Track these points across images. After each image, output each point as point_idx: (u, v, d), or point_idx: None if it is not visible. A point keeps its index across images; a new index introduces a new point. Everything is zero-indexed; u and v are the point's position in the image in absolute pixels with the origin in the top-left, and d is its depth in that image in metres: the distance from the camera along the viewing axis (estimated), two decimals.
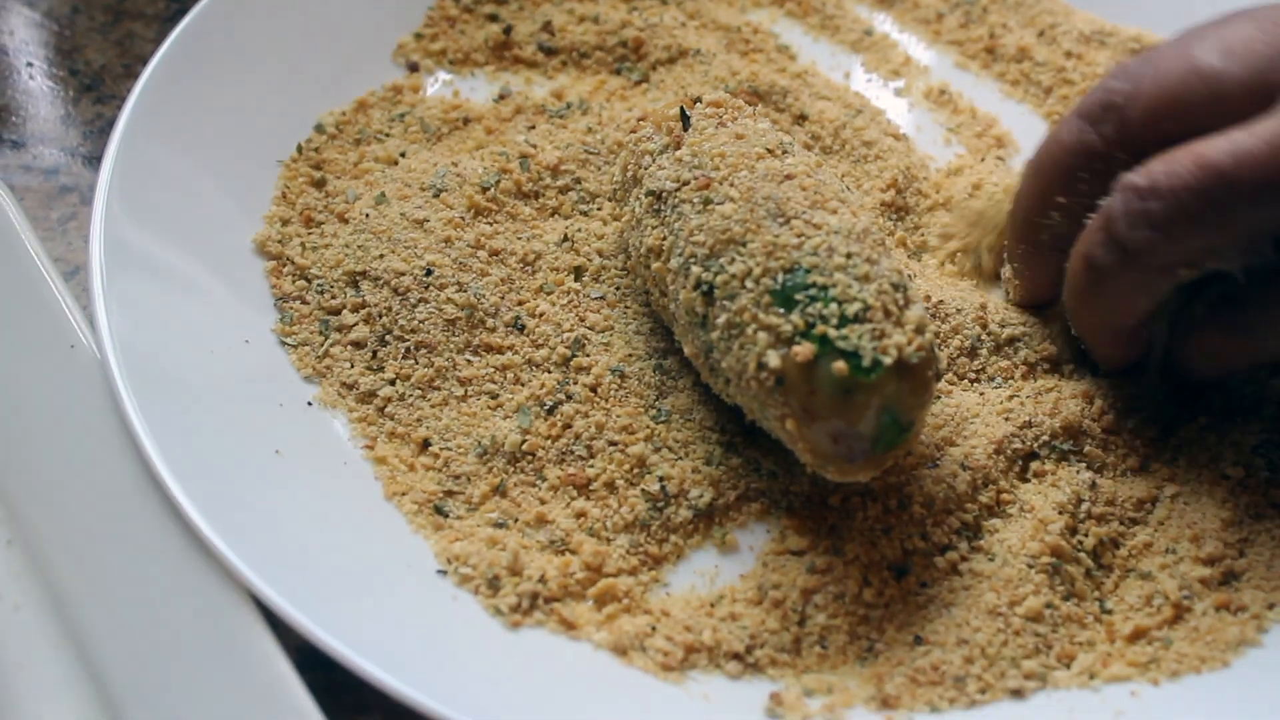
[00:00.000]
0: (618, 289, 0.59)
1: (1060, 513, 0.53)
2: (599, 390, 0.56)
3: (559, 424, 0.54)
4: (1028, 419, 0.55)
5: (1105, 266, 0.50)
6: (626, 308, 0.58)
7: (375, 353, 0.57)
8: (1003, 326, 0.58)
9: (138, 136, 0.59)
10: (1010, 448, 0.54)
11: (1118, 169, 0.50)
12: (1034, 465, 0.55)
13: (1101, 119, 0.52)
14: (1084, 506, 0.53)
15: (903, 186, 0.64)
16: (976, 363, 0.57)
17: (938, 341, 0.57)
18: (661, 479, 0.53)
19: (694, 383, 0.56)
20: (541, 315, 0.58)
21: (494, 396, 0.56)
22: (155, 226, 0.57)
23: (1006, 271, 0.60)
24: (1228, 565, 0.52)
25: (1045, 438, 0.55)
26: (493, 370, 0.56)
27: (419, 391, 0.56)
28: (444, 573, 0.51)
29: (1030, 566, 0.51)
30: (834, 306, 0.47)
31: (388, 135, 0.65)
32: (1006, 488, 0.54)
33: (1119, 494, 0.54)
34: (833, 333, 0.47)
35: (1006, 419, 0.55)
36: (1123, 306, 0.52)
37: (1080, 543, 0.52)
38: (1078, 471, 0.54)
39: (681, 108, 0.56)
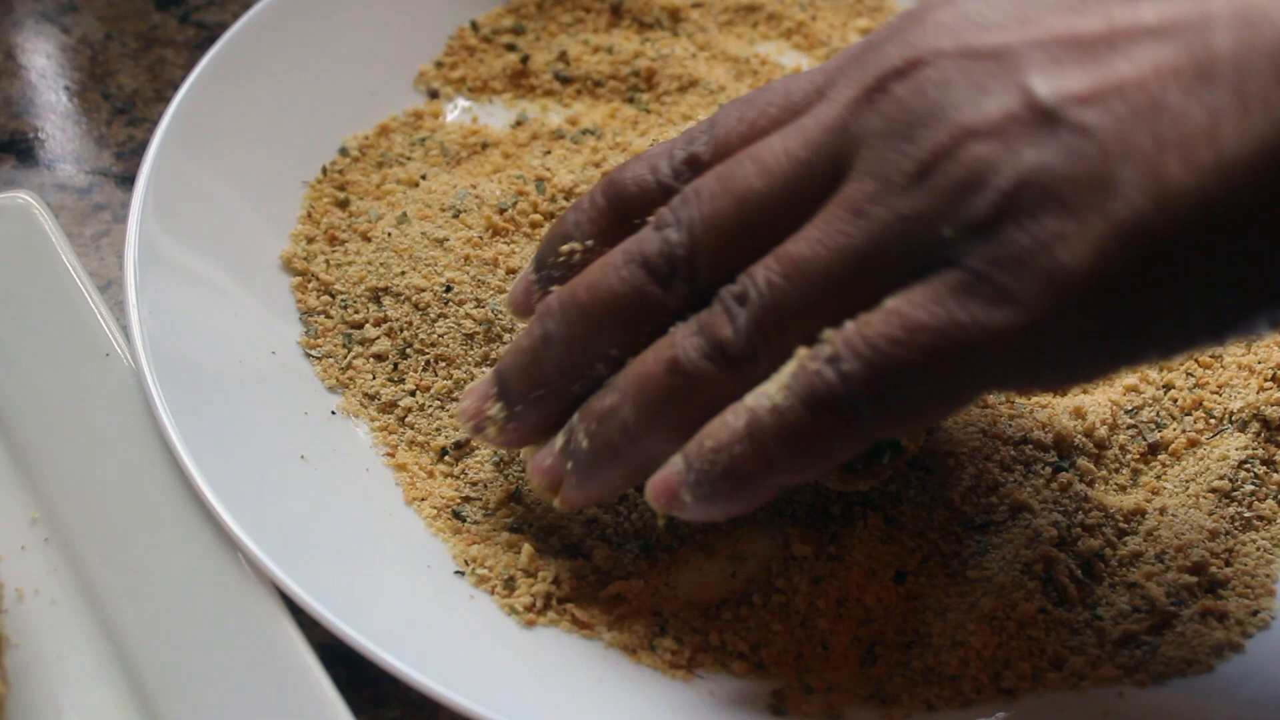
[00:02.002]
0: None
1: (1053, 524, 0.55)
2: None
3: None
4: (1023, 434, 0.57)
5: (702, 373, 0.46)
6: None
7: (396, 365, 0.59)
8: None
9: (171, 156, 0.61)
10: (1007, 460, 0.56)
11: (670, 313, 0.48)
12: (1029, 477, 0.57)
13: (670, 275, 0.47)
14: (1078, 517, 0.55)
15: None
16: None
17: None
18: None
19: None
20: None
21: None
22: (186, 241, 0.60)
23: (495, 410, 0.52)
24: (1213, 574, 0.54)
25: (1039, 451, 0.57)
26: None
27: (438, 402, 0.58)
28: (462, 573, 0.53)
29: (1024, 574, 0.53)
30: None
31: (409, 158, 0.68)
32: (1002, 498, 0.56)
33: (1109, 505, 0.56)
34: None
35: (1002, 433, 0.57)
36: (701, 421, 0.46)
37: (1072, 552, 0.54)
38: (1070, 484, 0.56)
39: None
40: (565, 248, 0.52)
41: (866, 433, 0.44)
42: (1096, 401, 0.58)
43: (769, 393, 0.44)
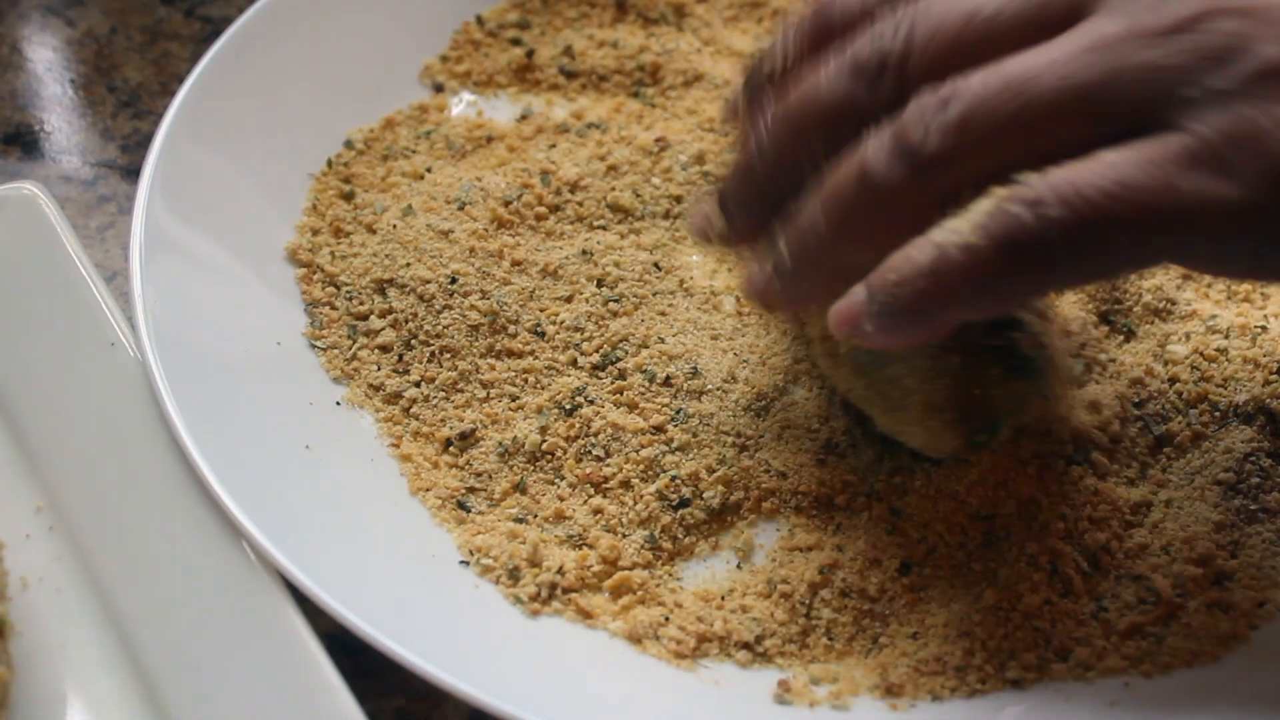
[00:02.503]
0: (636, 297, 0.61)
1: (1061, 517, 0.55)
2: (617, 393, 0.58)
3: (578, 425, 0.57)
4: (1045, 427, 0.57)
5: (884, 177, 0.45)
6: (645, 315, 0.61)
7: (401, 356, 0.59)
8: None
9: (176, 148, 0.61)
10: (1024, 455, 0.56)
11: (874, 120, 0.47)
12: (1041, 472, 0.57)
13: (877, 78, 0.47)
14: (1085, 510, 0.55)
15: None
16: None
17: None
18: (676, 479, 0.55)
19: (712, 385, 0.58)
20: (561, 322, 0.60)
21: (515, 399, 0.58)
22: (191, 232, 0.60)
23: (715, 217, 0.54)
24: (1219, 565, 0.54)
25: (1054, 445, 0.57)
26: (514, 374, 0.59)
27: (443, 393, 0.58)
28: (466, 563, 0.53)
29: (1030, 566, 0.53)
30: None
31: (414, 152, 0.68)
32: (1010, 491, 0.56)
33: (1117, 498, 0.56)
34: None
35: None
36: (889, 231, 0.46)
37: (1079, 545, 0.54)
38: (1081, 477, 0.56)
39: None
40: (767, 67, 0.52)
41: (1055, 281, 0.45)
42: (1104, 393, 0.58)
43: (960, 229, 0.43)
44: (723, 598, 0.53)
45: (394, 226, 0.63)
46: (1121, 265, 0.44)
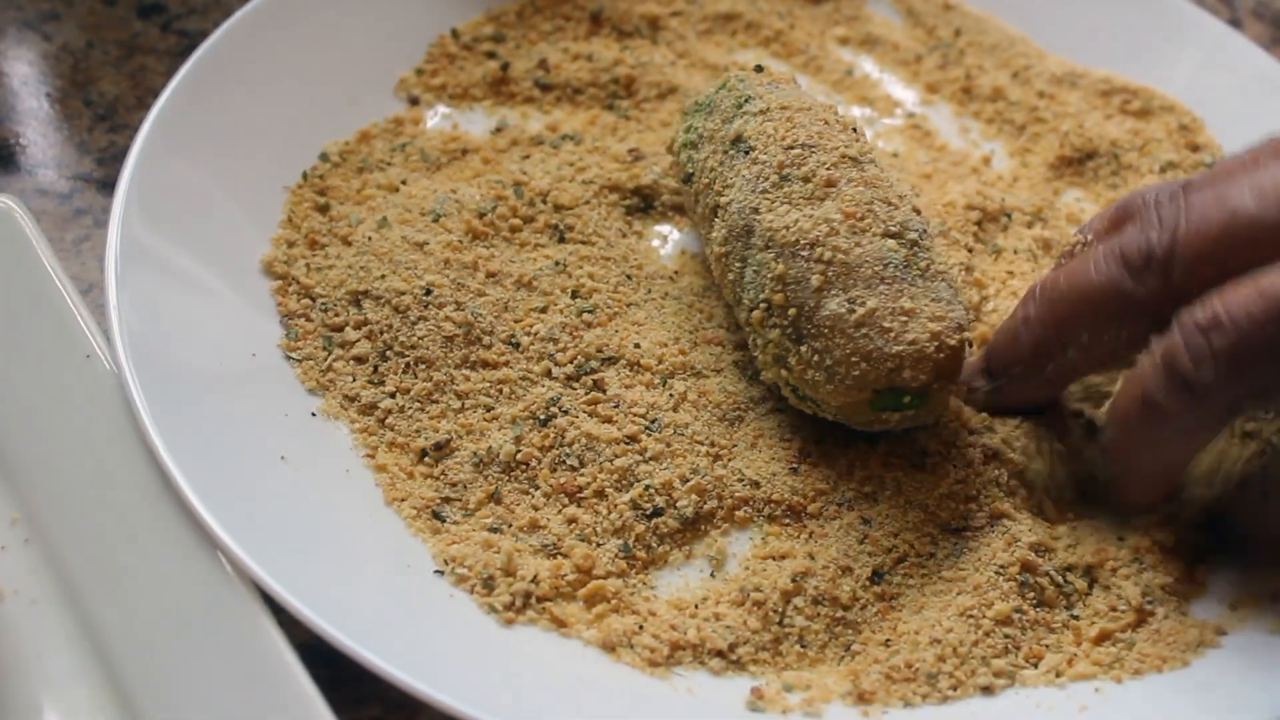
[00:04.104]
0: (610, 308, 0.62)
1: (1031, 530, 0.55)
2: (591, 403, 0.58)
3: (552, 435, 0.57)
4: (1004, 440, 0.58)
5: (1168, 407, 0.49)
6: (619, 326, 0.61)
7: (376, 367, 0.59)
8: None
9: (152, 160, 0.62)
10: (996, 479, 0.57)
11: (1150, 315, 0.50)
12: (1013, 484, 0.57)
13: (1143, 269, 0.51)
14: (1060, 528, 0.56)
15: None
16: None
17: None
18: (650, 488, 0.55)
19: (686, 397, 0.59)
20: (536, 333, 0.60)
21: (490, 409, 0.58)
22: (167, 245, 0.60)
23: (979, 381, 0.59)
24: (1189, 573, 0.54)
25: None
26: (489, 384, 0.59)
27: (418, 404, 0.58)
28: (441, 573, 0.53)
29: (999, 575, 0.54)
30: None
31: (389, 164, 0.68)
32: (982, 505, 0.56)
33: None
34: None
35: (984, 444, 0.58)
36: (1180, 447, 0.51)
37: (1050, 558, 0.55)
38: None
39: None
40: (1075, 238, 0.56)
41: None
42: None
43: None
44: (696, 606, 0.53)
45: (369, 239, 0.63)
46: None
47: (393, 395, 0.58)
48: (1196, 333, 0.47)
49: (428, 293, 0.60)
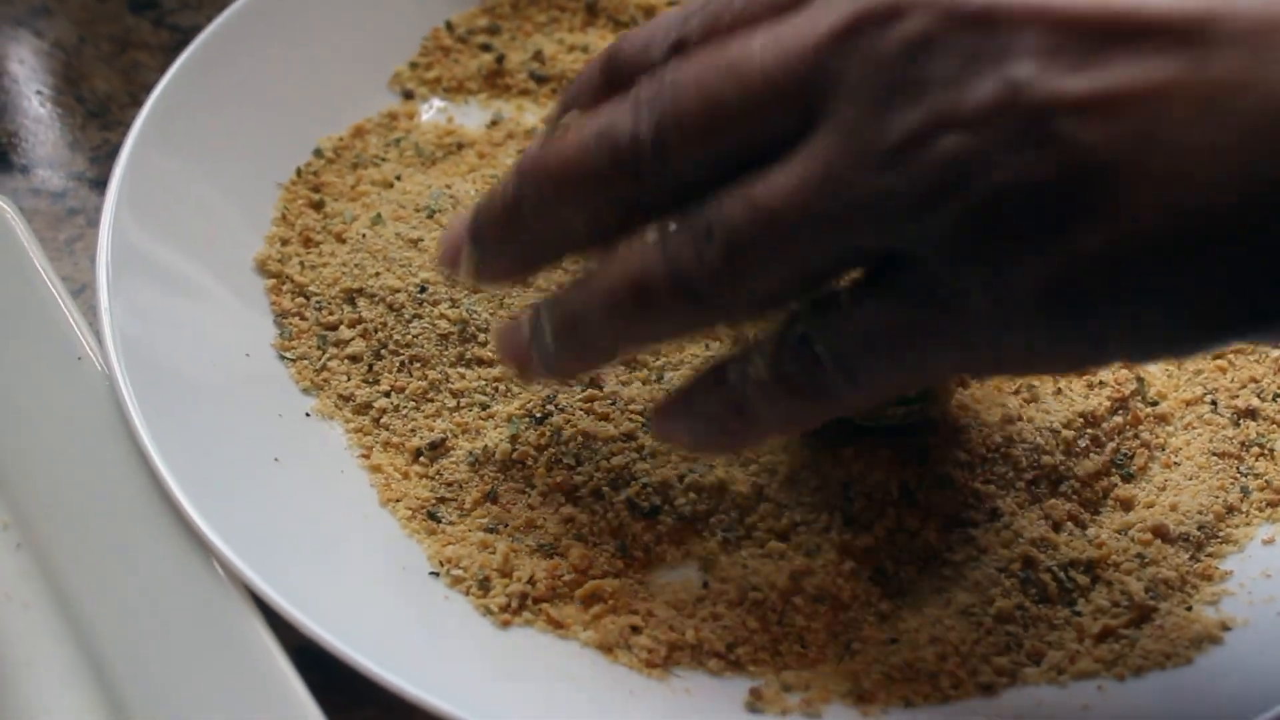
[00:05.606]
0: None
1: (1033, 524, 0.55)
2: (588, 400, 0.58)
3: (548, 433, 0.57)
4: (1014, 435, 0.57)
5: (658, 300, 0.46)
6: None
7: (371, 366, 0.59)
8: None
9: (144, 158, 0.61)
10: (991, 476, 0.56)
11: (655, 203, 0.46)
12: (1009, 491, 0.57)
13: (635, 166, 0.46)
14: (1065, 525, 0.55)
15: None
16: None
17: None
18: (647, 486, 0.55)
19: None
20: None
21: (485, 407, 0.58)
22: (159, 243, 0.59)
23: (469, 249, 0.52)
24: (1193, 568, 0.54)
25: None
26: (484, 382, 0.58)
27: (413, 403, 0.58)
28: (437, 574, 0.53)
29: (1001, 571, 0.53)
30: None
31: (384, 160, 0.68)
32: (981, 500, 0.56)
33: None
34: None
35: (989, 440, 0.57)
36: (645, 339, 0.49)
37: (1052, 554, 0.54)
38: (1058, 484, 0.56)
39: None
40: (565, 117, 0.50)
41: (848, 402, 0.45)
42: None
43: (754, 366, 0.46)
44: (694, 606, 0.53)
45: (363, 235, 0.62)
46: (903, 386, 0.48)
47: (387, 394, 0.58)
48: (699, 234, 0.44)
49: (422, 290, 0.60)
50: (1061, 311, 0.40)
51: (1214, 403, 0.59)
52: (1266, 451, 0.57)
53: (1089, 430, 0.57)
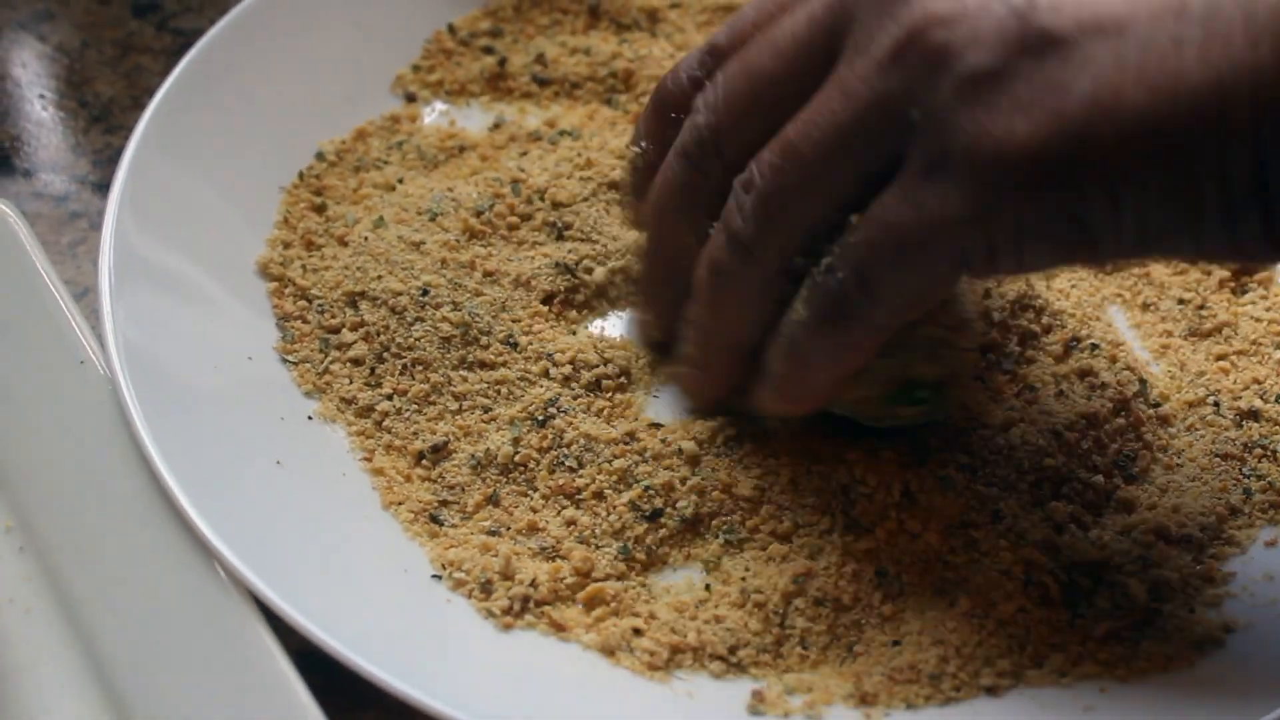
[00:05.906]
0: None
1: (1036, 527, 0.54)
2: (590, 403, 0.58)
3: (550, 436, 0.57)
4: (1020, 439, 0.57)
5: (730, 268, 0.50)
6: (618, 323, 0.61)
7: (373, 369, 0.59)
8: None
9: (147, 162, 0.61)
10: (994, 478, 0.56)
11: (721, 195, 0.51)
12: (1011, 492, 0.56)
13: (702, 160, 0.51)
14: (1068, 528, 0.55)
15: None
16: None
17: None
18: (649, 489, 0.55)
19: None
20: (535, 332, 0.60)
21: (487, 410, 0.58)
22: (162, 247, 0.59)
23: (648, 321, 0.60)
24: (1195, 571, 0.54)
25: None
26: (486, 385, 0.58)
27: (415, 406, 0.58)
28: (439, 577, 0.53)
29: (1003, 574, 0.53)
30: None
31: (386, 163, 0.68)
32: (984, 501, 0.56)
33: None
34: None
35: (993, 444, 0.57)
36: (743, 315, 0.52)
37: (1054, 556, 0.54)
38: (1060, 486, 0.56)
39: None
40: (633, 153, 0.56)
41: (876, 321, 0.48)
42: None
43: (797, 310, 0.49)
44: (696, 608, 0.53)
45: (365, 239, 0.62)
46: (921, 289, 0.47)
47: (390, 397, 0.58)
48: (740, 191, 0.49)
49: (424, 293, 0.60)
50: (1035, 181, 0.43)
51: (1216, 404, 0.59)
52: (1269, 453, 0.57)
53: (1091, 432, 0.57)
